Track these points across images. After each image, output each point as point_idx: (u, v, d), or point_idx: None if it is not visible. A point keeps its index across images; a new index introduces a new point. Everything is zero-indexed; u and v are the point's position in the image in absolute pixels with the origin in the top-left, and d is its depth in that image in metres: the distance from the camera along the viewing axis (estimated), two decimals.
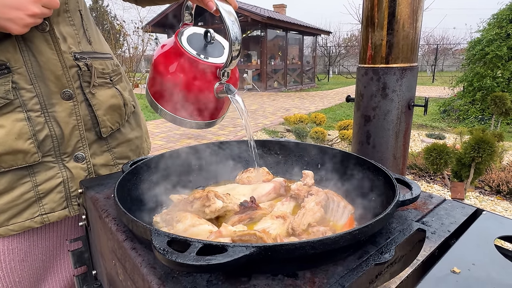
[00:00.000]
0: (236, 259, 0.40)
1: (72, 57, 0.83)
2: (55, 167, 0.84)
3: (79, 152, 0.87)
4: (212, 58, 0.79)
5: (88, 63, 0.86)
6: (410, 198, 0.59)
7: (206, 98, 0.80)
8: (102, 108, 0.91)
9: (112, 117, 0.94)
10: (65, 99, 0.82)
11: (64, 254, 0.96)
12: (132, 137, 1.05)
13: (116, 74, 0.98)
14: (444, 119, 7.70)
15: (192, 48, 0.79)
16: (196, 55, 0.77)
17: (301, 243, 0.44)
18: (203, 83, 0.78)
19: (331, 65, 22.62)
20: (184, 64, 0.77)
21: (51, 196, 0.84)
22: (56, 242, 0.93)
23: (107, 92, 0.93)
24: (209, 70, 0.78)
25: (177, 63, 0.77)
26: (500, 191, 3.65)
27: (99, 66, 0.91)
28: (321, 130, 5.14)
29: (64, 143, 0.84)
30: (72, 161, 0.86)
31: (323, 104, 10.24)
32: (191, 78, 0.77)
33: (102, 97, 0.91)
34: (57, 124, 0.82)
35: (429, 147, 2.88)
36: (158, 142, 5.73)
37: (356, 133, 1.09)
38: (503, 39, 6.97)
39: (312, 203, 0.78)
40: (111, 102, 0.93)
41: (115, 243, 0.60)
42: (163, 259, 0.42)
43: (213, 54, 0.81)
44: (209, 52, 0.81)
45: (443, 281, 0.46)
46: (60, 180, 0.84)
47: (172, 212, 0.73)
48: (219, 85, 0.79)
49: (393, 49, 0.95)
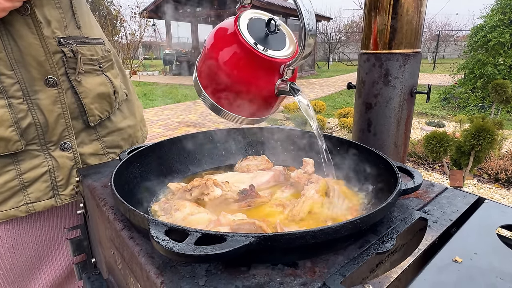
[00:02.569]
0: (235, 249, 0.40)
1: (56, 42, 0.80)
2: (40, 155, 0.82)
3: (65, 141, 0.85)
4: (275, 52, 0.69)
5: (73, 49, 0.83)
6: (412, 187, 0.59)
7: (263, 96, 0.72)
8: (90, 96, 0.88)
9: (100, 106, 0.91)
10: (49, 86, 0.79)
11: (59, 244, 0.95)
12: (124, 126, 1.02)
13: (106, 61, 0.95)
14: (444, 107, 7.67)
15: (253, 37, 0.67)
16: (259, 48, 0.67)
17: (301, 233, 0.43)
18: (264, 81, 0.69)
19: (331, 52, 22.36)
20: (244, 58, 0.67)
21: (37, 185, 0.82)
22: (49, 231, 0.92)
23: (95, 79, 0.89)
24: (272, 66, 0.68)
25: (236, 56, 0.67)
26: (498, 179, 3.66)
27: (87, 52, 0.87)
28: (320, 118, 5.12)
29: (49, 132, 0.81)
30: (58, 150, 0.84)
31: (323, 92, 10.17)
32: (250, 75, 0.68)
33: (90, 85, 0.88)
34: (41, 112, 0.79)
35: (429, 135, 2.87)
36: (157, 130, 5.70)
37: (357, 121, 1.08)
38: (506, 25, 6.87)
39: (312, 191, 0.77)
40: (100, 90, 0.90)
41: (113, 232, 0.59)
42: (161, 249, 0.41)
43: (275, 46, 0.70)
44: (271, 43, 0.70)
45: (445, 270, 0.45)
46: (45, 169, 0.82)
47: (171, 200, 0.72)
48: (281, 82, 0.70)
49: (397, 34, 0.93)
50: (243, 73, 0.68)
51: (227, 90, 0.71)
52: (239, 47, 0.67)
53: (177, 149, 0.90)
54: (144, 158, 0.80)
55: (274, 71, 0.69)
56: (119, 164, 0.70)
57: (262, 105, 0.75)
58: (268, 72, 0.69)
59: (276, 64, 0.68)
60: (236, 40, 0.67)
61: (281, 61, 0.68)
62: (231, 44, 0.68)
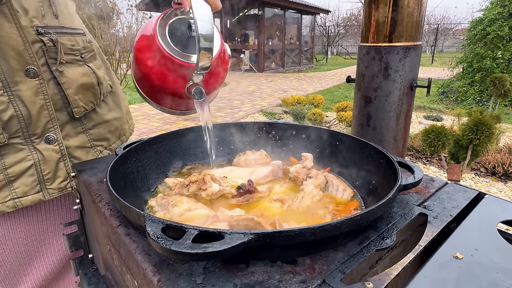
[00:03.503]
0: (234, 247, 0.39)
1: (35, 31, 0.77)
2: (25, 149, 0.80)
3: (50, 134, 0.82)
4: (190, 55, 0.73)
5: (53, 38, 0.80)
6: (413, 182, 0.58)
7: (178, 94, 0.76)
8: (73, 87, 0.85)
9: (84, 97, 0.89)
10: (30, 77, 0.77)
11: (51, 239, 0.94)
12: (110, 118, 1.00)
13: (88, 51, 0.92)
14: (442, 101, 7.67)
15: (172, 38, 0.72)
16: (170, 50, 0.71)
17: (300, 230, 0.42)
18: (174, 80, 0.74)
19: (330, 45, 22.24)
20: (156, 56, 0.72)
21: (23, 179, 0.80)
22: (39, 226, 0.91)
23: (77, 70, 0.87)
24: (180, 68, 0.72)
25: (150, 54, 0.72)
26: (495, 173, 3.68)
27: (68, 42, 0.85)
28: (319, 111, 5.11)
29: (32, 124, 0.79)
30: (43, 143, 0.82)
31: (321, 86, 10.13)
32: (161, 73, 0.73)
33: (72, 75, 0.85)
34: (23, 104, 0.77)
35: (427, 129, 2.87)
36: (154, 124, 5.68)
37: (356, 115, 1.07)
38: (505, 18, 6.85)
39: (311, 186, 0.76)
40: (83, 81, 0.88)
41: (109, 229, 0.58)
42: (157, 247, 0.40)
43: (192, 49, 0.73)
44: (189, 46, 0.74)
45: (445, 267, 0.45)
46: (31, 162, 0.81)
47: (168, 196, 0.71)
48: (192, 84, 0.74)
49: (397, 27, 0.91)
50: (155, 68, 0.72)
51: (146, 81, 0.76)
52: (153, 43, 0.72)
53: (175, 144, 0.89)
54: (140, 153, 0.78)
55: (182, 73, 0.73)
56: (115, 159, 0.69)
57: (182, 101, 0.80)
58: (176, 73, 0.73)
59: (181, 66, 0.71)
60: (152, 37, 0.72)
61: (185, 64, 0.71)
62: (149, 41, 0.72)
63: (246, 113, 6.56)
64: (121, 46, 7.39)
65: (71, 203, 0.96)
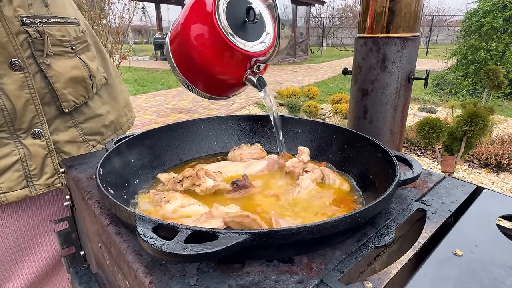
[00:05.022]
0: (228, 247, 0.37)
1: (19, 22, 0.73)
2: (10, 144, 0.77)
3: (37, 129, 0.79)
4: (247, 43, 0.65)
5: (39, 29, 0.76)
6: (411, 177, 0.57)
7: (229, 82, 0.71)
8: (61, 81, 0.82)
9: (75, 91, 0.85)
10: (15, 70, 0.73)
11: (42, 235, 0.92)
12: (103, 111, 0.97)
13: (80, 42, 0.88)
14: (437, 93, 7.69)
15: (229, 21, 0.63)
16: (229, 35, 0.63)
17: (297, 228, 0.41)
18: (232, 68, 0.67)
19: (325, 37, 22.12)
20: (214, 42, 0.63)
21: (8, 174, 0.78)
22: (29, 222, 0.88)
23: (67, 62, 0.83)
24: (241, 57, 0.65)
25: (206, 36, 0.64)
26: (488, 164, 3.72)
27: (57, 33, 0.81)
28: (314, 104, 5.09)
29: (17, 119, 0.76)
30: (30, 138, 0.79)
31: (316, 78, 10.10)
32: (218, 60, 0.65)
33: (61, 68, 0.81)
34: (7, 98, 0.74)
35: (422, 121, 2.87)
36: (148, 117, 5.62)
37: (352, 108, 1.05)
38: (499, 10, 6.85)
39: (307, 181, 0.75)
40: (73, 74, 0.84)
41: (99, 227, 0.56)
42: (148, 248, 0.38)
43: (250, 36, 0.66)
44: (247, 32, 0.66)
45: (445, 264, 0.44)
46: (16, 157, 0.78)
47: (161, 192, 0.69)
48: (251, 73, 0.68)
49: (395, 17, 0.89)
50: (212, 57, 0.65)
51: (195, 68, 0.68)
52: (211, 29, 0.63)
53: (167, 138, 0.86)
54: (132, 147, 0.76)
55: (243, 62, 0.66)
56: (105, 154, 0.66)
57: (228, 88, 0.74)
58: (237, 61, 0.66)
59: (246, 56, 0.65)
60: (209, 19, 0.62)
61: (250, 54, 0.65)
62: (204, 23, 0.63)
63: (241, 105, 6.52)
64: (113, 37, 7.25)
65: (63, 199, 0.94)
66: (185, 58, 0.69)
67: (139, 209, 0.65)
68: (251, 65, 0.68)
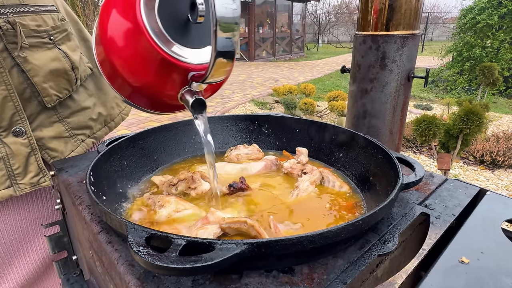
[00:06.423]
0: (225, 259, 0.35)
1: None
2: None
3: (17, 126, 0.75)
4: (186, 51, 0.50)
5: (10, 20, 0.71)
6: (414, 181, 0.55)
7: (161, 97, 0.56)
8: (40, 74, 0.77)
9: (56, 84, 0.80)
10: None
11: (31, 238, 0.89)
12: (89, 104, 0.92)
13: (59, 32, 0.83)
14: (432, 90, 7.71)
15: (162, 19, 0.48)
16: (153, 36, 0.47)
17: (298, 238, 0.39)
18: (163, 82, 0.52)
19: (321, 33, 22.07)
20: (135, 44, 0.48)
21: None
22: (18, 225, 0.85)
23: (45, 54, 0.78)
24: (173, 69, 0.50)
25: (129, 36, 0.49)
26: (483, 161, 3.73)
27: (31, 23, 0.76)
28: (310, 101, 5.07)
29: None
30: (11, 136, 0.75)
31: (312, 75, 10.08)
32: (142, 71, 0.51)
33: (39, 61, 0.77)
34: None
35: (419, 119, 2.87)
36: (143, 115, 5.56)
37: (351, 107, 1.03)
38: (494, 7, 6.86)
39: (306, 183, 0.73)
40: (52, 67, 0.79)
41: (90, 234, 0.54)
42: (140, 261, 0.36)
43: (192, 41, 0.50)
44: (189, 35, 0.50)
45: (452, 273, 0.42)
46: None
47: (155, 195, 0.66)
48: (187, 92, 0.53)
49: (395, 14, 0.87)
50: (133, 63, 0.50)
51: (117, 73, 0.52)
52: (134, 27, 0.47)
53: (162, 139, 0.84)
54: (125, 149, 0.73)
55: (177, 75, 0.51)
56: (96, 157, 0.63)
57: (166, 104, 0.59)
58: (165, 73, 0.51)
59: (175, 66, 0.50)
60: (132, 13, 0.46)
61: (181, 65, 0.49)
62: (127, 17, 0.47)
63: (237, 102, 6.48)
64: None
65: (53, 201, 0.91)
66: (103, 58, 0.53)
67: (132, 215, 0.62)
68: (187, 81, 0.52)
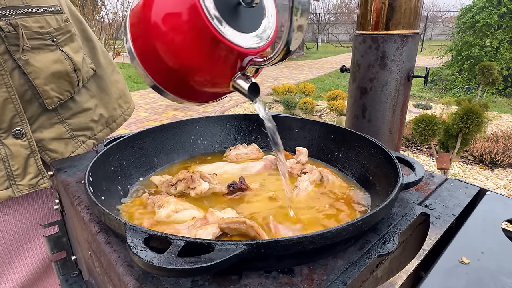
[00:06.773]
0: (224, 260, 0.35)
1: None
2: None
3: (17, 128, 0.75)
4: (238, 35, 0.49)
5: (12, 22, 0.70)
6: (414, 181, 0.55)
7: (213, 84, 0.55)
8: (42, 77, 0.77)
9: (58, 86, 0.80)
10: None
11: (31, 238, 0.89)
12: (91, 105, 0.91)
13: (62, 33, 0.82)
14: (432, 89, 7.72)
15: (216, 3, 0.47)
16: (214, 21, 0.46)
17: (298, 238, 0.38)
18: (216, 67, 0.51)
19: (320, 33, 22.07)
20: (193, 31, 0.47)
21: None
22: (18, 225, 0.85)
23: (48, 56, 0.78)
24: (229, 52, 0.49)
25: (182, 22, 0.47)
26: (482, 161, 3.74)
27: (34, 24, 0.75)
28: (309, 100, 5.07)
29: None
30: (11, 138, 0.75)
31: (312, 74, 10.07)
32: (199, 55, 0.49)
33: (41, 63, 0.76)
34: None
35: (418, 118, 2.86)
36: (143, 114, 5.56)
37: (351, 106, 1.03)
38: (494, 6, 6.86)
39: (305, 183, 0.73)
40: (54, 69, 0.79)
41: (89, 235, 0.53)
42: (139, 262, 0.36)
43: (244, 25, 0.50)
44: (240, 19, 0.49)
45: (452, 273, 0.42)
46: None
47: (154, 196, 0.66)
48: (241, 76, 0.52)
49: (395, 14, 0.87)
50: (187, 48, 0.48)
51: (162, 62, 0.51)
52: (189, 9, 0.46)
53: (161, 138, 0.83)
54: (124, 149, 0.73)
55: (232, 59, 0.50)
56: (95, 157, 0.63)
57: (210, 93, 0.59)
58: (223, 59, 0.50)
59: (237, 52, 0.49)
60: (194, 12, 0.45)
61: (243, 51, 0.49)
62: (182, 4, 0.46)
63: (237, 102, 6.48)
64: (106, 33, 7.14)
65: (53, 202, 0.90)
66: (148, 47, 0.51)
67: (131, 215, 0.62)
68: (242, 66, 0.52)
